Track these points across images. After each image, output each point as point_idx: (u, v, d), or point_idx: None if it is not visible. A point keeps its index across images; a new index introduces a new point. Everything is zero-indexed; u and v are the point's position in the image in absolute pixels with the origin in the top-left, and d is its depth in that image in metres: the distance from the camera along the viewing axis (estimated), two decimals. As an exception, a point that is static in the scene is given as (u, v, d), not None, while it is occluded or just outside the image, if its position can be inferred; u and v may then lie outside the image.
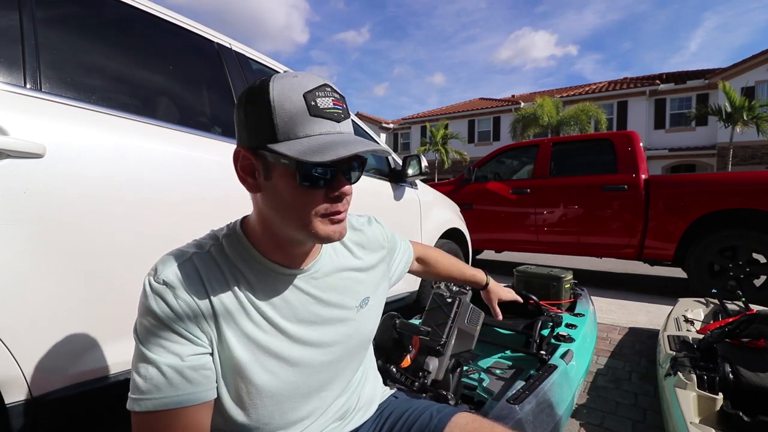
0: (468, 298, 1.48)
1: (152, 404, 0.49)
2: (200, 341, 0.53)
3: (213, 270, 0.56)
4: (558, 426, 1.09)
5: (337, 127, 0.52)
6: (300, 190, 0.52)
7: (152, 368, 0.49)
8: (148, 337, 0.51)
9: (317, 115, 0.50)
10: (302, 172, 0.50)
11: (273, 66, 1.67)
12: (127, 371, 0.97)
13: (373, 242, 0.75)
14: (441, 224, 2.48)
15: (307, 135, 0.50)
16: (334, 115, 0.51)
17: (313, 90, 0.50)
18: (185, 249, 0.57)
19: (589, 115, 12.99)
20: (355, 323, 0.67)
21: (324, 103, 0.50)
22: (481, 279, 1.16)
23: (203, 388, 0.52)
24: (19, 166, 0.80)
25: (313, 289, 0.62)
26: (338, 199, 0.54)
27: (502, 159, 4.59)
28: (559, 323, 1.64)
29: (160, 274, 0.52)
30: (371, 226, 0.78)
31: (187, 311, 0.52)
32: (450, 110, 20.50)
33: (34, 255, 0.82)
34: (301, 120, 0.49)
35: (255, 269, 0.58)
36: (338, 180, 0.53)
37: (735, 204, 3.02)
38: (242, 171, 0.56)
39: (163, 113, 1.23)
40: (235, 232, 0.61)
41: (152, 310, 0.51)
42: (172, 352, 0.50)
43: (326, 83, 0.52)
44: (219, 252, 0.58)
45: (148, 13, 1.20)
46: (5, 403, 0.78)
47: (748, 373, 1.18)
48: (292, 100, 0.49)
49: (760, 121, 11.55)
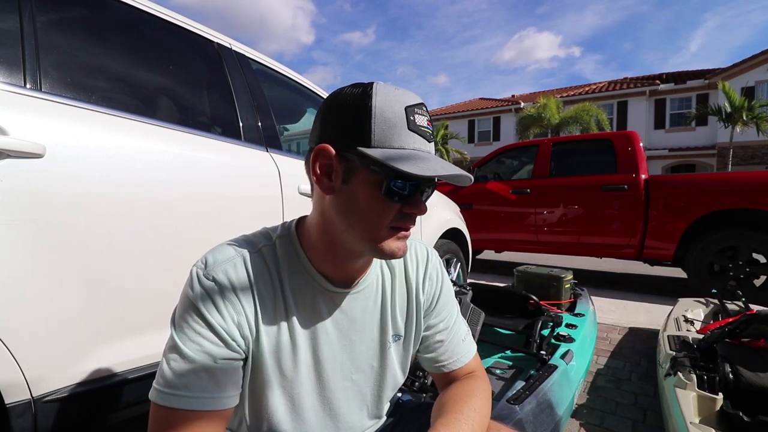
0: (468, 298, 1.48)
1: (176, 401, 0.48)
2: (237, 347, 0.52)
3: (263, 274, 0.55)
4: (558, 426, 1.09)
5: (427, 146, 0.52)
6: (380, 199, 0.50)
7: (185, 364, 0.48)
8: (186, 331, 0.50)
9: (414, 130, 0.50)
10: (389, 181, 0.49)
11: (273, 66, 1.67)
12: (127, 371, 0.97)
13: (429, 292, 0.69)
14: (441, 224, 2.48)
15: (402, 147, 0.49)
16: (427, 134, 0.52)
17: (413, 105, 0.50)
18: (238, 246, 0.55)
19: (590, 114, 12.99)
20: (384, 359, 0.65)
21: (420, 121, 0.51)
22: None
23: (228, 394, 0.51)
24: (19, 166, 0.80)
25: (352, 309, 0.61)
26: (410, 217, 0.53)
27: (502, 159, 4.59)
28: (559, 323, 1.64)
29: (210, 270, 0.51)
30: (439, 280, 0.71)
31: (231, 314, 0.51)
32: (450, 110, 20.49)
33: (34, 255, 0.82)
34: (399, 131, 0.49)
35: (300, 277, 0.57)
36: (416, 197, 0.53)
37: (735, 204, 3.02)
38: (320, 170, 0.53)
39: (163, 113, 1.23)
40: (289, 234, 0.59)
41: (196, 306, 0.50)
42: (207, 353, 0.49)
43: (423, 102, 0.52)
44: (271, 254, 0.56)
45: (148, 14, 1.19)
46: (5, 403, 0.78)
47: (748, 373, 1.18)
48: (393, 110, 0.49)
49: (760, 121, 11.55)
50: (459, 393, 0.64)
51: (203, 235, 1.12)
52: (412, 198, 0.52)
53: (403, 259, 0.68)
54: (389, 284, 0.66)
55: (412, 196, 0.52)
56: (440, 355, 0.69)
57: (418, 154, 0.49)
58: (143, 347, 1.00)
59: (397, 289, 0.66)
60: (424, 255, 0.70)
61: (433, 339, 0.69)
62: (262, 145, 1.40)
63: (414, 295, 0.67)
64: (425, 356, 0.71)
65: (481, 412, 0.60)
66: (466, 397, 0.63)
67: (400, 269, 0.67)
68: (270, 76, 1.68)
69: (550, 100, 13.55)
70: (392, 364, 0.66)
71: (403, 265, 0.68)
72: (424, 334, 0.69)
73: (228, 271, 0.52)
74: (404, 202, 0.51)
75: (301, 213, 0.64)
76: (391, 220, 0.52)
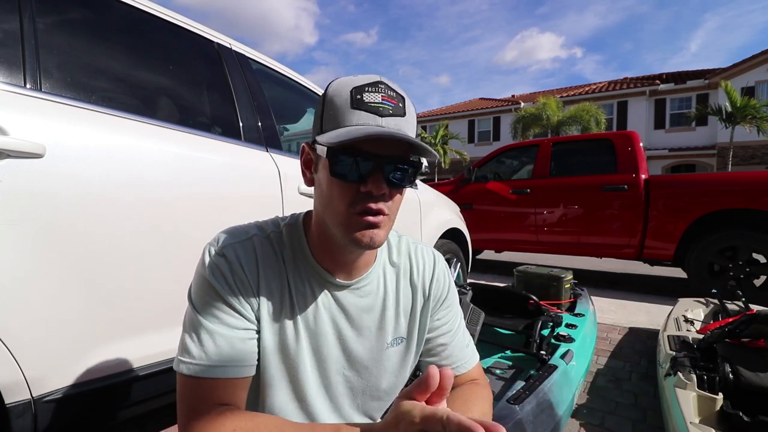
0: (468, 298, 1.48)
1: (200, 370, 0.50)
2: (250, 318, 0.54)
3: (269, 256, 0.57)
4: (558, 426, 1.09)
5: (378, 120, 0.50)
6: (333, 181, 0.52)
7: (206, 335, 0.51)
8: (204, 306, 0.53)
9: (357, 107, 0.50)
10: (332, 160, 0.50)
11: (273, 66, 1.67)
12: (127, 371, 0.97)
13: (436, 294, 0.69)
14: (441, 224, 2.48)
15: (344, 126, 0.50)
16: (379, 109, 0.50)
17: (362, 85, 0.51)
18: (247, 228, 0.59)
19: (590, 114, 12.99)
20: (380, 362, 0.64)
21: (370, 98, 0.50)
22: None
23: (247, 363, 0.53)
24: (19, 166, 0.80)
25: (349, 305, 0.61)
26: (369, 197, 0.51)
27: (502, 159, 4.59)
28: (559, 323, 1.64)
29: (220, 247, 0.55)
30: (445, 284, 0.70)
31: (240, 288, 0.54)
32: (450, 110, 20.50)
33: (34, 255, 0.82)
34: (343, 113, 0.50)
35: (302, 266, 0.59)
36: (374, 177, 0.51)
37: (735, 204, 3.02)
38: (304, 165, 0.59)
39: (163, 113, 1.23)
40: (296, 223, 0.62)
41: (208, 280, 0.53)
42: (225, 324, 0.52)
43: (381, 81, 0.52)
44: (278, 239, 0.59)
45: (148, 14, 1.19)
46: (5, 403, 0.78)
47: (748, 373, 1.18)
48: (341, 95, 0.51)
49: (761, 120, 11.54)
50: (463, 396, 0.63)
51: (203, 235, 1.11)
52: (369, 177, 0.51)
53: (409, 261, 0.68)
54: (393, 286, 0.66)
55: (369, 174, 0.51)
56: (443, 359, 0.69)
57: (355, 129, 0.48)
58: (143, 347, 1.00)
59: (402, 292, 0.66)
60: (431, 259, 0.70)
61: (436, 342, 0.69)
62: (262, 145, 1.40)
63: (419, 298, 0.67)
64: (427, 360, 0.70)
65: (485, 416, 0.60)
66: (473, 397, 0.63)
67: (405, 272, 0.67)
68: (270, 76, 1.68)
69: (551, 100, 13.54)
70: (389, 368, 0.66)
71: (408, 268, 0.68)
72: (427, 336, 0.69)
73: (237, 249, 0.55)
74: (361, 181, 0.51)
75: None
76: (350, 202, 0.52)
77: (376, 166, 0.51)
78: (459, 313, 0.74)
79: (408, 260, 0.68)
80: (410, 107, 0.54)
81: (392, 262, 0.67)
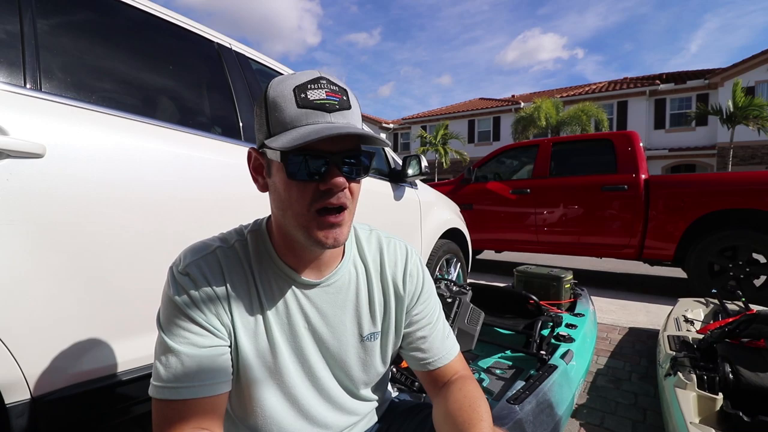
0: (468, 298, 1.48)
1: (170, 393, 0.50)
2: (220, 333, 0.54)
3: (235, 266, 0.57)
4: (558, 426, 1.09)
5: (327, 117, 0.50)
6: (289, 183, 0.51)
7: (173, 357, 0.51)
8: (170, 327, 0.52)
9: (304, 106, 0.49)
10: (286, 163, 0.50)
11: (273, 66, 1.67)
12: (127, 371, 0.97)
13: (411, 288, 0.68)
14: (441, 224, 2.48)
15: (294, 127, 0.49)
16: (325, 105, 0.50)
17: (305, 83, 0.50)
18: (210, 242, 0.59)
19: (590, 115, 12.99)
20: (355, 356, 0.64)
21: (315, 95, 0.50)
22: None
23: (217, 380, 0.52)
24: (19, 166, 0.80)
25: (321, 302, 0.61)
26: (328, 194, 0.51)
27: (502, 159, 4.59)
28: (559, 323, 1.64)
29: (183, 265, 0.54)
30: (418, 276, 0.70)
31: (207, 303, 0.53)
32: (450, 110, 20.49)
33: (34, 255, 0.82)
34: (289, 113, 0.49)
35: (269, 270, 0.59)
36: (330, 173, 0.51)
37: (735, 204, 3.02)
38: (254, 171, 0.58)
39: (163, 113, 1.23)
40: (260, 229, 0.61)
41: (173, 300, 0.52)
42: (191, 343, 0.51)
43: (322, 76, 0.51)
44: (243, 248, 0.59)
45: (148, 14, 1.19)
46: (5, 403, 0.78)
47: (748, 373, 1.18)
48: (283, 95, 0.50)
49: (762, 121, 11.53)
50: (467, 398, 0.61)
51: (203, 235, 1.11)
52: (327, 174, 0.51)
53: (380, 256, 0.67)
54: (364, 281, 0.66)
55: (325, 172, 0.51)
56: (424, 351, 0.68)
57: (307, 129, 0.48)
58: (143, 347, 1.00)
59: (374, 287, 0.66)
60: (404, 252, 0.70)
61: (416, 335, 0.69)
62: (262, 145, 1.40)
63: (392, 293, 0.67)
64: (409, 354, 0.70)
65: (490, 414, 0.60)
66: (475, 403, 0.60)
67: (375, 267, 0.67)
68: (270, 76, 1.68)
69: (545, 102, 13.54)
70: (369, 361, 0.66)
71: (378, 263, 0.67)
72: (406, 331, 0.69)
73: (201, 265, 0.54)
74: (319, 179, 0.51)
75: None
76: (311, 201, 0.52)
77: (332, 162, 0.51)
78: (437, 305, 0.73)
79: (379, 255, 0.68)
80: (353, 99, 0.54)
81: (362, 257, 0.67)
